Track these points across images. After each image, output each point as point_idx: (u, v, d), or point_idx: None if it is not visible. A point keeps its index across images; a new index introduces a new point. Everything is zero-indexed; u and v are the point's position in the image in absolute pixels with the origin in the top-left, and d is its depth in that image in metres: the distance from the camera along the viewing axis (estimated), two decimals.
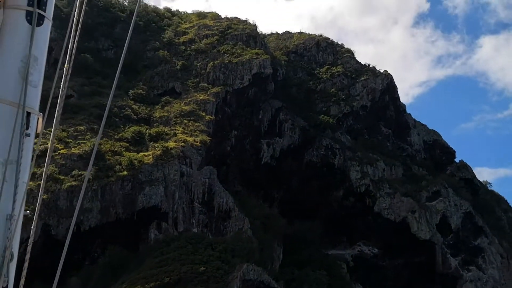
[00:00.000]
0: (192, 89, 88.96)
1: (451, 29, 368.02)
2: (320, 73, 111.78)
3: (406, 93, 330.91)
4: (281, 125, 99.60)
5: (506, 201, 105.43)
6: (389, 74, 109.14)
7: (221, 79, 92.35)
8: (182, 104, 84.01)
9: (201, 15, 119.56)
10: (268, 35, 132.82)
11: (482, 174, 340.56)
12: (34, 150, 3.56)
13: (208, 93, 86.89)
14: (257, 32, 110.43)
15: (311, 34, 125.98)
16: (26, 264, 3.37)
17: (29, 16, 3.51)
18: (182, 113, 79.89)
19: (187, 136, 72.08)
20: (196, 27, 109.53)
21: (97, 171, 60.16)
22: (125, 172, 60.11)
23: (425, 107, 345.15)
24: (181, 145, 68.42)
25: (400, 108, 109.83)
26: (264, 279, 55.55)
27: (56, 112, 3.76)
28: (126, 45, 4.15)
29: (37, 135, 3.59)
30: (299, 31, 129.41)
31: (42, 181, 4.04)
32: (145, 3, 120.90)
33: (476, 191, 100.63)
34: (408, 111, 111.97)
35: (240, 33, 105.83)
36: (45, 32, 3.63)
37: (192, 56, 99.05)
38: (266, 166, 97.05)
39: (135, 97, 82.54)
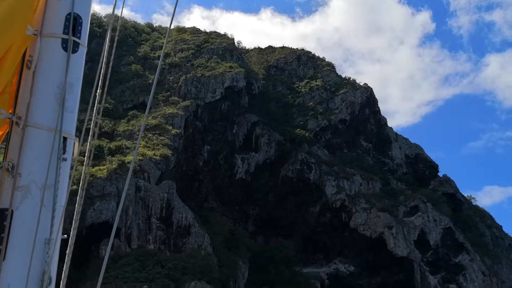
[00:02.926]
0: (162, 103, 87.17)
1: (457, 48, 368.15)
2: (300, 87, 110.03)
3: (414, 113, 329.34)
4: (257, 140, 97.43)
5: (491, 216, 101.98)
6: (369, 87, 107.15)
7: (192, 93, 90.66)
8: (150, 118, 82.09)
9: (181, 30, 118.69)
10: (251, 50, 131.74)
11: (492, 192, 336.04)
12: (70, 174, 3.59)
13: (177, 106, 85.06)
14: (234, 46, 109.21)
15: (293, 48, 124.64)
16: (64, 281, 3.43)
17: (64, 43, 3.59)
18: (147, 127, 77.90)
19: (148, 150, 69.92)
20: (174, 42, 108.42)
21: None
22: (74, 187, 57.49)
23: (433, 126, 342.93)
24: (139, 159, 66.19)
25: (381, 121, 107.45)
26: None
27: (89, 137, 3.89)
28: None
29: (73, 160, 3.64)
30: (281, 45, 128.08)
31: (77, 204, 3.88)
32: (125, 19, 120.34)
33: (459, 206, 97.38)
34: (415, 130, 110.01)
35: (217, 46, 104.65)
36: (80, 58, 3.71)
37: (166, 70, 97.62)
38: (240, 181, 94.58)
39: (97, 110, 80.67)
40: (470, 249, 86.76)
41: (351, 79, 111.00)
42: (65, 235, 3.65)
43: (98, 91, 3.93)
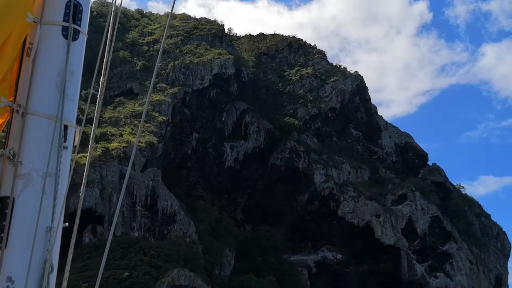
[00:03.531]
0: (151, 89, 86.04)
1: (454, 38, 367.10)
2: (290, 75, 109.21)
3: (410, 102, 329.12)
4: (247, 128, 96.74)
5: (479, 205, 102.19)
6: (360, 75, 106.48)
7: (181, 80, 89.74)
8: (136, 104, 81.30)
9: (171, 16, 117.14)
10: (242, 37, 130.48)
11: (487, 182, 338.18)
12: (71, 162, 3.60)
13: (165, 93, 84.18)
14: (224, 33, 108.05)
15: (284, 36, 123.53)
16: (66, 275, 3.39)
17: (64, 31, 3.58)
18: (133, 113, 77.15)
19: (133, 137, 69.18)
20: (162, 28, 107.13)
21: None
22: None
23: (429, 116, 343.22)
24: (123, 146, 65.49)
25: (371, 110, 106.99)
26: (197, 284, 52.39)
27: (93, 125, 3.89)
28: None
29: (74, 148, 3.65)
30: (273, 32, 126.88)
31: (81, 193, 4.08)
32: (116, 6, 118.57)
33: (448, 195, 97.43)
34: (411, 119, 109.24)
35: (206, 33, 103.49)
36: (80, 46, 3.71)
37: (154, 56, 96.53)
38: (229, 170, 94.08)
39: (87, 98, 79.71)
40: (458, 238, 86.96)
41: (342, 67, 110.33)
42: (67, 223, 3.71)
43: (102, 79, 3.95)
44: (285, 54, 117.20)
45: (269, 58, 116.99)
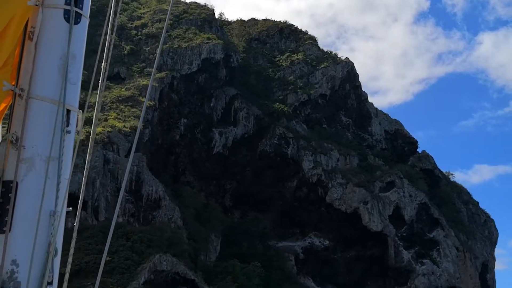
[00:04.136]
0: (136, 74, 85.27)
1: (451, 26, 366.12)
2: (281, 61, 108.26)
3: (406, 90, 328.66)
4: (236, 114, 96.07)
5: (468, 192, 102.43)
6: (350, 61, 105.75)
7: (169, 64, 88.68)
8: (123, 89, 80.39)
9: (161, 0, 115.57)
10: (233, 22, 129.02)
11: (482, 171, 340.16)
12: (74, 147, 3.61)
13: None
14: (214, 17, 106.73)
15: (276, 21, 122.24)
16: (69, 259, 3.49)
17: (66, 14, 3.56)
18: (120, 98, 76.28)
19: (118, 122, 68.46)
20: (152, 12, 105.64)
21: None
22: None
23: (425, 104, 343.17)
24: (108, 131, 64.76)
25: (361, 97, 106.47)
26: (180, 270, 52.18)
27: (95, 110, 3.99)
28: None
29: (77, 132, 3.65)
30: (264, 17, 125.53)
31: (84, 177, 4.01)
32: None
33: (437, 182, 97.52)
34: (407, 108, 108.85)
35: (196, 17, 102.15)
36: (82, 30, 3.69)
37: (142, 41, 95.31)
38: (218, 156, 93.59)
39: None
40: (445, 225, 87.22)
41: (332, 53, 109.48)
42: (70, 207, 3.68)
43: (103, 64, 3.94)
44: (276, 39, 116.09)
45: (260, 43, 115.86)
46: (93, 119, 4.06)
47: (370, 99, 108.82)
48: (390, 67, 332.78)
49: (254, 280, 60.72)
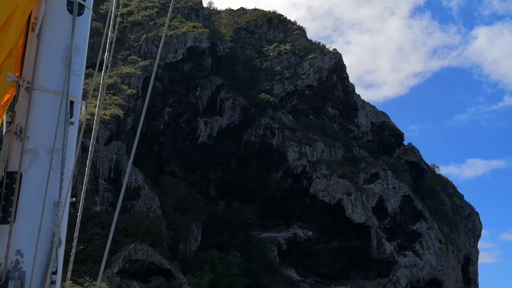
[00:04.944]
0: (120, 62, 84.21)
1: (447, 20, 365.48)
2: (268, 51, 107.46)
3: (401, 84, 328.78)
4: (222, 104, 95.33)
5: (453, 185, 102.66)
6: (338, 52, 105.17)
7: (153, 52, 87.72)
8: (106, 77, 79.28)
9: None
10: (222, 11, 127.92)
11: (475, 165, 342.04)
12: (78, 138, 3.65)
13: (135, 66, 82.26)
14: (202, 6, 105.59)
15: (265, 11, 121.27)
16: (73, 250, 3.59)
17: (70, 6, 3.56)
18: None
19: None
20: (138, 0, 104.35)
21: None
22: None
23: (420, 98, 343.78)
24: (87, 118, 63.73)
25: (348, 88, 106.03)
26: (155, 259, 51.80)
27: (98, 100, 4.03)
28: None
29: (80, 124, 3.70)
30: (254, 7, 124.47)
31: (86, 168, 4.08)
32: None
33: (421, 174, 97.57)
34: (402, 102, 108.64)
35: (183, 5, 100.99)
36: (85, 21, 3.69)
37: (128, 28, 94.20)
38: (203, 146, 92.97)
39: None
40: (428, 217, 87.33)
41: (320, 44, 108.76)
42: (74, 198, 3.74)
43: (106, 54, 3.93)
44: (265, 29, 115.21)
45: (248, 33, 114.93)
46: (96, 110, 4.01)
47: (365, 92, 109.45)
48: (386, 60, 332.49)
49: (233, 270, 60.46)
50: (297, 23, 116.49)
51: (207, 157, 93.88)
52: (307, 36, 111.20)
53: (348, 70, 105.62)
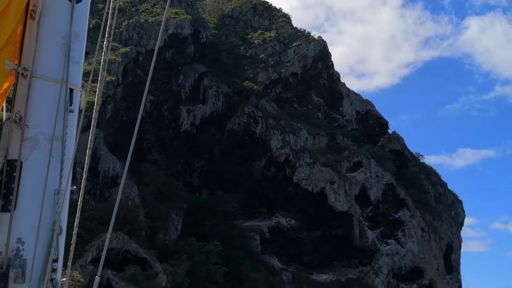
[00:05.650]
0: (101, 49, 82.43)
1: (439, 10, 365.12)
2: (253, 38, 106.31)
3: (393, 74, 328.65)
4: (205, 92, 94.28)
5: (437, 174, 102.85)
6: (323, 40, 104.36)
7: (134, 39, 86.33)
8: (85, 64, 77.53)
9: None
10: None
11: (465, 154, 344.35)
12: (78, 126, 3.60)
13: (116, 53, 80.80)
14: None
15: None
16: (74, 238, 3.63)
17: None
18: (82, 72, 73.86)
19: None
20: None
21: None
22: None
23: (411, 88, 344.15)
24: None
25: (333, 76, 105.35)
26: (131, 248, 51.15)
27: (97, 89, 3.94)
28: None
29: (80, 112, 3.66)
30: None
31: (86, 157, 4.06)
32: None
33: (405, 163, 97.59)
34: (394, 91, 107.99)
35: None
36: (84, 8, 3.72)
37: (109, 15, 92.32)
38: (185, 134, 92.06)
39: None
40: (411, 206, 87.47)
41: (305, 32, 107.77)
42: (74, 186, 3.80)
43: (105, 42, 3.94)
44: (250, 16, 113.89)
45: (233, 20, 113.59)
46: (95, 99, 3.96)
47: (357, 82, 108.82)
48: (378, 50, 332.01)
49: (212, 258, 60.03)
50: (283, 11, 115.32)
51: (190, 146, 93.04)
52: (293, 24, 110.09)
53: (340, 60, 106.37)
